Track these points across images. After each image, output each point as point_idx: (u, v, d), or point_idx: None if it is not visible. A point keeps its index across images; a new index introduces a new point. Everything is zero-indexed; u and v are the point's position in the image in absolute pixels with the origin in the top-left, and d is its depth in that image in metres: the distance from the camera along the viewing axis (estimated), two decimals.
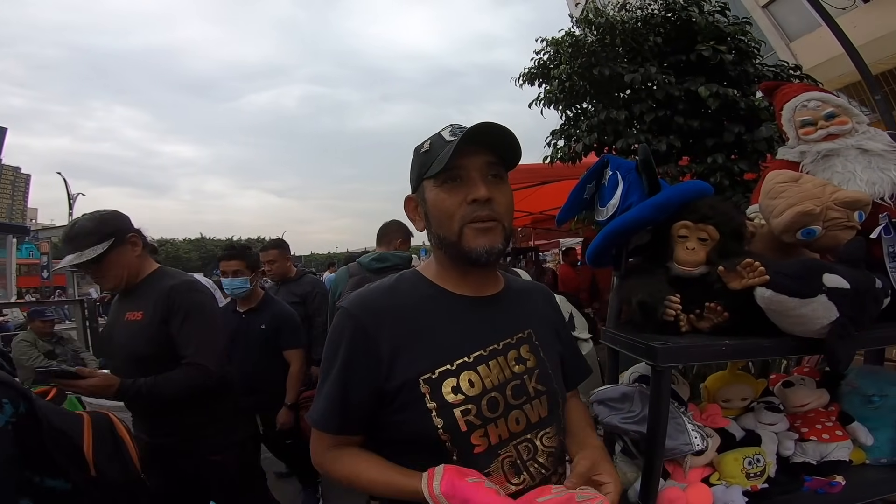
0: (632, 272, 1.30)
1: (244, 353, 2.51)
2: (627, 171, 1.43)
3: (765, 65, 3.16)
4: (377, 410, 0.83)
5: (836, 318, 0.94)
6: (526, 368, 0.88)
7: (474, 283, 0.91)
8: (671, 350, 1.00)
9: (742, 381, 1.33)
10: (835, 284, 0.93)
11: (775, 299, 0.94)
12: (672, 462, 1.17)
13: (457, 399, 0.80)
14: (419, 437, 0.80)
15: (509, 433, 0.83)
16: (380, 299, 0.87)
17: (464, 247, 0.84)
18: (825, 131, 1.36)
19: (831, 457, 1.21)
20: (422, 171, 0.87)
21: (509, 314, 0.93)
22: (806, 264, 0.96)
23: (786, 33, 11.94)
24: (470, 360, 0.83)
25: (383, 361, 0.81)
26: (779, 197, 1.19)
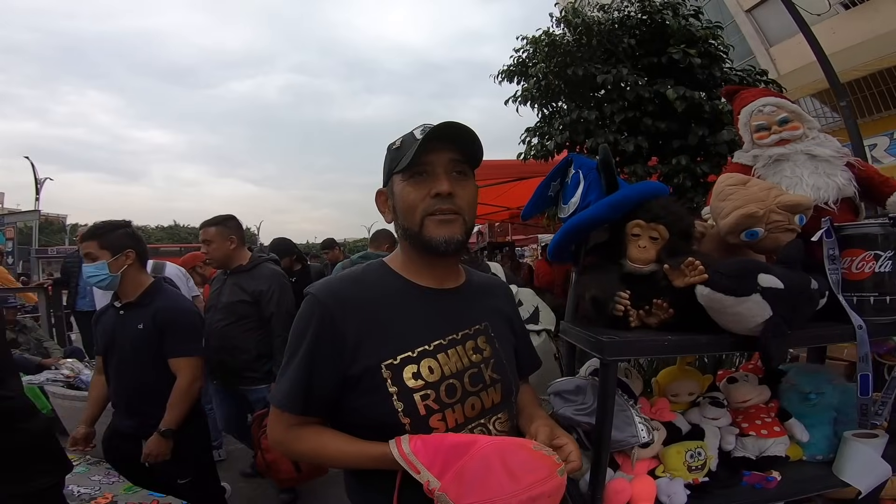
0: (588, 268, 1.33)
1: (118, 362, 1.98)
2: (589, 171, 1.46)
3: (733, 69, 3.24)
4: (340, 395, 0.87)
5: (770, 317, 0.98)
6: (483, 358, 0.93)
7: (437, 276, 0.95)
8: (617, 344, 1.04)
9: (689, 377, 1.38)
10: (769, 284, 0.97)
11: (713, 297, 0.98)
12: (621, 454, 1.21)
13: (417, 384, 0.85)
14: (380, 420, 0.84)
15: (465, 418, 0.88)
16: (347, 288, 0.91)
17: (424, 236, 0.88)
18: (778, 136, 1.41)
19: (769, 452, 1.26)
20: (392, 165, 0.91)
21: (468, 307, 0.97)
22: (742, 264, 1.00)
23: (766, 38, 12.18)
24: (430, 347, 0.88)
25: (348, 348, 0.85)
26: (726, 199, 1.23)
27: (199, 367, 2.02)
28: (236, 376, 2.64)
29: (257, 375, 2.63)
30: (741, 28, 12.41)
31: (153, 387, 1.94)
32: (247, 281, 2.60)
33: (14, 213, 25.39)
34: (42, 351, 4.50)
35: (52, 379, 3.71)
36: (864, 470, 1.19)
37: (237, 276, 2.63)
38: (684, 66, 2.81)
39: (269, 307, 2.55)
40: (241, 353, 2.59)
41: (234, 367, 2.61)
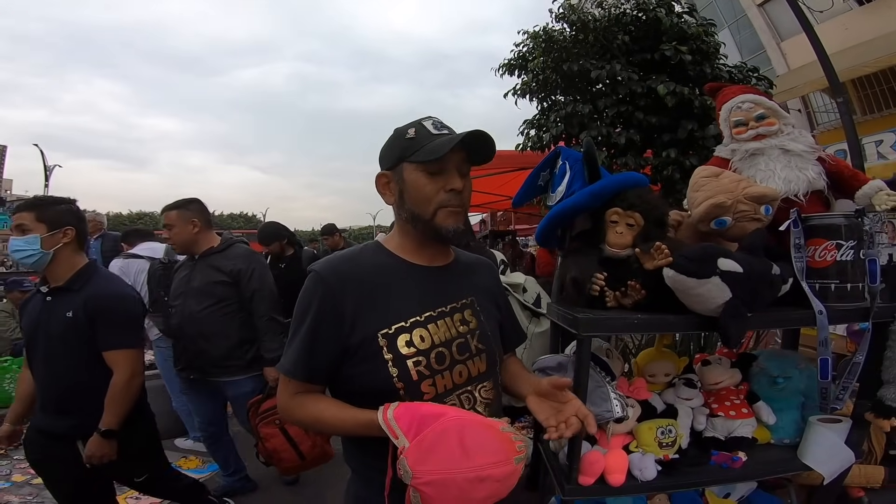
0: (571, 252, 1.41)
1: (45, 356, 1.73)
2: (575, 161, 1.55)
3: (725, 66, 3.29)
4: (340, 364, 0.94)
5: (729, 299, 1.06)
6: (469, 329, 1.01)
7: (429, 255, 1.04)
8: (591, 320, 1.13)
9: (666, 358, 1.46)
10: (728, 268, 1.05)
11: (677, 279, 1.06)
12: (598, 429, 1.28)
13: (409, 351, 0.93)
14: (377, 385, 0.92)
15: (453, 384, 0.96)
16: (345, 265, 0.99)
17: (436, 225, 0.97)
18: (754, 131, 1.48)
19: (736, 433, 1.33)
20: (405, 153, 0.97)
21: (456, 282, 1.06)
22: (703, 249, 1.08)
23: (778, 32, 12.02)
24: (421, 318, 0.96)
25: (347, 320, 0.92)
26: (700, 190, 1.32)
27: (138, 361, 1.79)
28: (217, 366, 2.41)
29: (240, 364, 2.42)
30: (753, 22, 12.25)
31: (89, 384, 1.71)
32: (221, 261, 2.42)
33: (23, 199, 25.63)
34: None
35: None
36: (827, 455, 1.23)
37: (209, 258, 2.43)
38: (675, 62, 2.87)
39: (252, 285, 2.39)
40: (222, 340, 2.39)
41: (214, 356, 2.39)
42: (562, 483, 1.23)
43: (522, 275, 2.11)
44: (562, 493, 1.22)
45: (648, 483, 1.22)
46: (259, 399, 2.25)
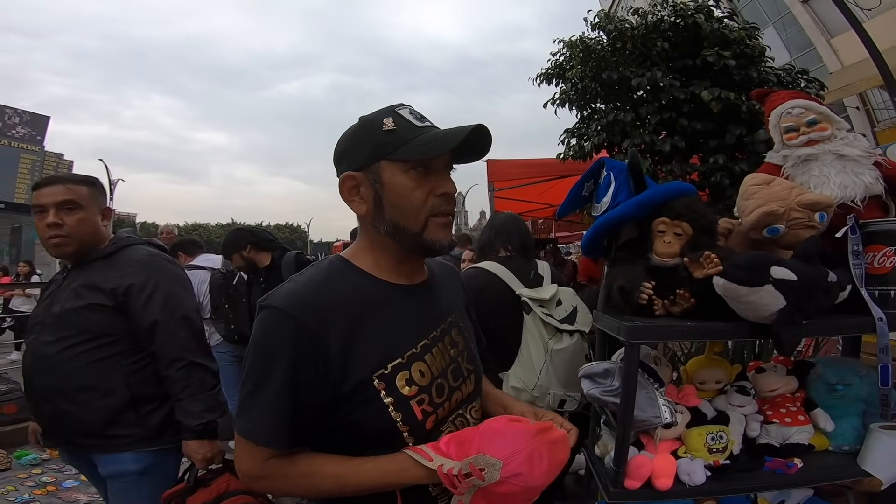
0: (617, 261, 1.44)
1: None
2: (619, 172, 1.58)
3: (773, 68, 3.20)
4: (328, 415, 0.79)
5: (783, 307, 1.06)
6: (459, 351, 0.91)
7: (408, 272, 0.89)
8: (639, 328, 1.15)
9: (718, 366, 1.45)
10: (781, 276, 1.05)
11: (728, 287, 1.07)
12: (646, 434, 1.30)
13: (412, 391, 0.80)
14: (377, 433, 0.79)
15: (449, 411, 0.87)
16: (317, 294, 0.79)
17: (427, 238, 0.82)
18: (806, 137, 1.46)
19: (792, 440, 1.30)
20: (383, 149, 0.80)
21: (439, 299, 0.94)
22: (756, 257, 1.09)
23: (827, 29, 11.55)
24: (417, 350, 0.83)
25: (335, 364, 0.76)
26: (750, 198, 1.32)
27: None
28: (89, 437, 1.47)
29: (127, 435, 1.48)
30: (798, 19, 11.81)
31: None
32: (103, 273, 1.52)
33: None
34: None
35: None
36: (887, 461, 1.20)
37: (87, 270, 1.54)
38: (719, 67, 2.82)
39: (149, 312, 1.49)
40: (95, 398, 1.45)
41: (81, 424, 1.46)
42: (607, 487, 1.24)
43: (555, 286, 2.04)
44: (607, 496, 1.23)
45: (697, 487, 1.21)
46: (180, 492, 1.48)
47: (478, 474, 0.71)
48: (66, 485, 3.09)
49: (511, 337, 1.92)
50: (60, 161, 23.54)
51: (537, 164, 5.11)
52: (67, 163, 23.79)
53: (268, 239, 3.12)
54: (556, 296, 1.99)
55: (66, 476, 3.20)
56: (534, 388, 1.86)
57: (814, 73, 3.71)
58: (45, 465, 3.40)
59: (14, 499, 2.92)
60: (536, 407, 1.01)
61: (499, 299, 1.95)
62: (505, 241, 2.10)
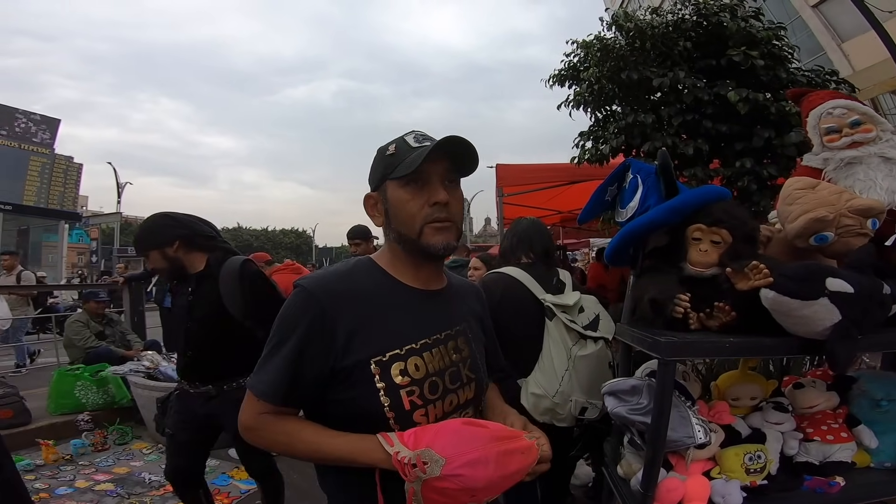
0: (646, 271, 1.35)
1: None
2: (647, 175, 1.49)
3: (800, 69, 3.09)
4: (325, 387, 0.88)
5: (839, 321, 0.98)
6: (461, 357, 0.98)
7: (424, 278, 0.98)
8: (676, 344, 1.06)
9: (752, 381, 1.36)
10: (838, 288, 0.97)
11: (778, 300, 0.98)
12: (676, 455, 1.22)
13: (403, 381, 0.87)
14: (365, 413, 0.86)
15: (443, 412, 0.92)
16: (339, 283, 0.92)
17: (423, 243, 0.91)
18: (849, 139, 1.36)
19: (834, 458, 1.24)
20: (386, 171, 0.93)
21: (450, 309, 1.02)
22: (809, 268, 1.00)
23: (837, 34, 11.47)
24: (417, 346, 0.91)
25: (339, 341, 0.86)
26: (794, 203, 1.22)
27: None
28: None
29: None
30: (808, 24, 11.72)
31: None
32: None
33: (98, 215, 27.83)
34: (125, 343, 4.93)
35: (134, 370, 4.06)
36: None
37: None
38: (746, 67, 2.72)
39: None
40: None
41: None
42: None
43: (578, 293, 2.02)
44: None
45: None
46: None
47: (421, 467, 0.76)
48: (60, 492, 3.01)
49: (531, 343, 1.89)
50: (70, 164, 23.69)
51: (547, 169, 5.03)
52: (77, 166, 23.97)
53: (206, 234, 2.09)
54: (579, 303, 1.96)
55: (59, 483, 3.12)
56: (555, 394, 1.81)
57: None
58: (38, 470, 3.31)
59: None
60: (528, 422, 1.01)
61: (520, 304, 1.92)
62: (527, 247, 2.07)
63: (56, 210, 22.29)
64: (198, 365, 2.03)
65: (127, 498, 2.94)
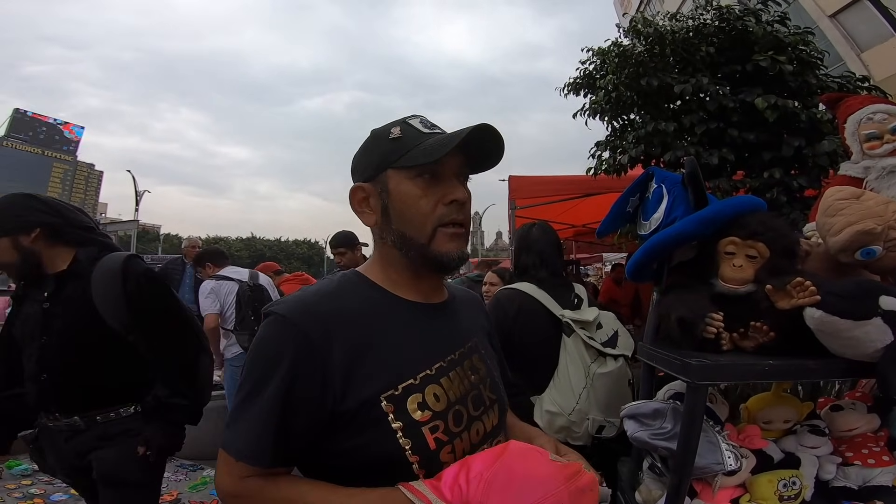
0: (673, 288, 1.26)
1: None
2: (673, 185, 1.41)
3: (829, 76, 2.98)
4: (323, 438, 0.72)
5: (892, 342, 0.90)
6: (480, 377, 0.85)
7: (425, 290, 0.85)
8: (708, 367, 0.98)
9: (786, 404, 1.28)
10: (892, 307, 0.88)
11: (826, 320, 0.90)
12: (701, 481, 1.14)
13: (424, 416, 0.73)
14: (382, 461, 0.71)
15: (471, 445, 0.78)
16: (324, 304, 0.75)
17: (434, 250, 0.78)
18: (891, 146, 1.31)
19: (874, 482, 1.16)
20: (389, 158, 0.78)
21: (458, 323, 0.88)
22: (861, 285, 0.92)
23: (856, 43, 11.36)
24: (433, 372, 0.77)
25: (335, 379, 0.70)
26: (837, 214, 1.13)
27: None
28: None
29: None
30: (826, 34, 11.65)
31: None
32: None
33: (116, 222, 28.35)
34: None
35: None
36: None
37: None
38: (774, 73, 2.62)
39: None
40: None
41: None
42: None
43: (597, 309, 1.98)
44: None
45: None
46: None
47: None
48: (55, 498, 3.01)
49: (546, 359, 1.86)
50: (91, 171, 24.34)
51: (561, 182, 4.94)
52: (98, 173, 24.61)
53: (80, 225, 1.65)
54: (598, 318, 1.92)
55: (55, 489, 3.11)
56: (571, 412, 1.77)
57: None
58: (35, 476, 3.31)
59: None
60: (559, 443, 0.90)
61: (536, 321, 1.89)
62: (543, 263, 2.03)
63: None
64: (57, 391, 1.54)
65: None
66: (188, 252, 5.13)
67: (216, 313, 3.48)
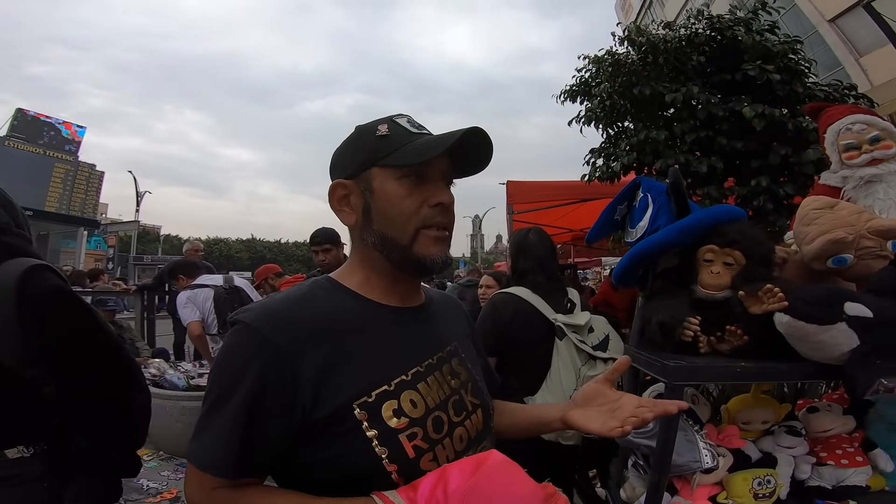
0: (656, 293, 1.31)
1: None
2: (658, 194, 1.46)
3: (818, 84, 3.03)
4: (293, 449, 0.70)
5: (857, 346, 0.94)
6: (461, 382, 0.82)
7: (402, 293, 0.82)
8: (684, 369, 1.03)
9: (764, 405, 1.32)
10: (856, 313, 0.93)
11: (794, 325, 0.95)
12: (681, 479, 1.19)
13: (400, 423, 0.70)
14: (357, 472, 0.69)
15: (455, 452, 0.75)
16: (292, 310, 0.73)
17: (416, 252, 0.76)
18: (869, 156, 1.34)
19: (848, 482, 1.21)
20: (374, 156, 0.76)
21: (436, 326, 0.86)
22: (827, 291, 0.97)
23: (855, 48, 11.37)
24: (408, 377, 0.74)
25: (305, 389, 0.67)
26: (812, 224, 1.18)
27: None
28: None
29: None
30: (825, 38, 11.64)
31: None
32: None
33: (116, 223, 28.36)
34: (134, 350, 4.96)
35: None
36: None
37: None
38: (762, 82, 2.68)
39: None
40: None
41: None
42: None
43: (588, 313, 2.04)
44: None
45: None
46: None
47: None
48: None
49: (539, 362, 1.90)
50: (93, 172, 24.30)
51: (559, 187, 4.99)
52: (99, 174, 24.58)
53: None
54: (589, 323, 1.98)
55: None
56: None
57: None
58: None
59: None
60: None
61: (530, 324, 1.94)
62: (540, 268, 2.09)
63: (75, 217, 22.79)
64: None
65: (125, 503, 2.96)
66: (190, 255, 5.19)
67: (198, 321, 3.53)
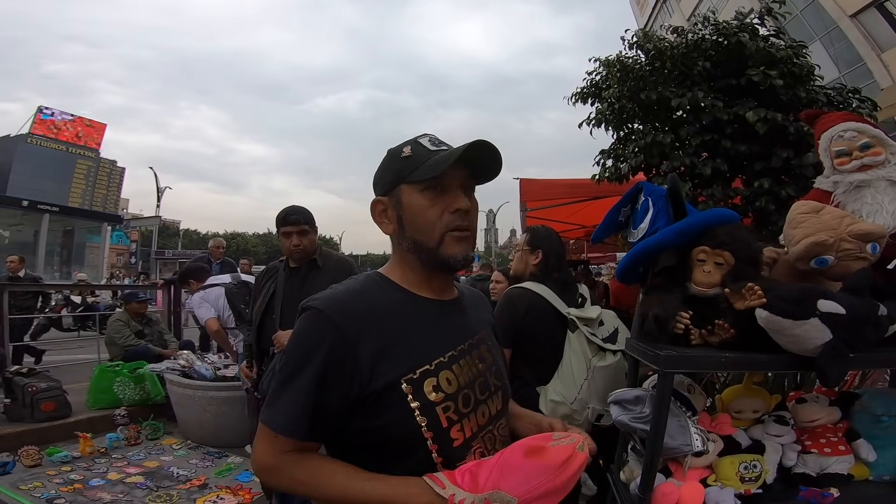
0: (654, 289, 1.42)
1: None
2: (658, 198, 1.57)
3: (822, 87, 3.07)
4: (349, 417, 0.83)
5: (829, 340, 1.03)
6: (486, 366, 0.96)
7: (438, 288, 0.96)
8: (675, 357, 1.14)
9: (756, 395, 1.41)
10: (829, 309, 1.02)
11: (771, 319, 1.05)
12: (675, 462, 1.28)
13: (438, 397, 0.84)
14: (401, 437, 0.82)
15: (478, 426, 0.89)
16: (355, 302, 0.87)
17: (443, 253, 0.88)
18: (859, 162, 1.40)
19: (830, 470, 1.27)
20: (401, 174, 0.89)
21: (468, 317, 1.00)
22: (802, 289, 1.06)
23: (877, 44, 11.14)
24: (445, 359, 0.88)
25: (363, 366, 0.81)
26: (798, 227, 1.28)
27: None
28: None
29: None
30: (847, 34, 11.42)
31: None
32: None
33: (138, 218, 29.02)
34: (162, 342, 5.18)
35: (171, 368, 4.27)
36: None
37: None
38: (765, 87, 2.74)
39: None
40: None
41: None
42: None
43: (598, 308, 2.14)
44: None
45: None
46: None
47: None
48: (93, 483, 3.18)
49: (552, 353, 2.01)
50: (114, 168, 24.85)
51: (570, 185, 5.07)
52: (120, 170, 25.13)
53: None
54: (600, 316, 2.08)
55: (93, 475, 3.31)
56: (573, 401, 1.93)
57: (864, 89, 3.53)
58: (75, 462, 3.46)
59: (40, 495, 2.97)
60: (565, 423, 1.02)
61: (544, 318, 2.05)
62: (555, 264, 2.22)
63: (99, 212, 23.36)
64: None
65: (155, 490, 3.11)
66: (214, 252, 5.38)
67: (215, 317, 3.74)
